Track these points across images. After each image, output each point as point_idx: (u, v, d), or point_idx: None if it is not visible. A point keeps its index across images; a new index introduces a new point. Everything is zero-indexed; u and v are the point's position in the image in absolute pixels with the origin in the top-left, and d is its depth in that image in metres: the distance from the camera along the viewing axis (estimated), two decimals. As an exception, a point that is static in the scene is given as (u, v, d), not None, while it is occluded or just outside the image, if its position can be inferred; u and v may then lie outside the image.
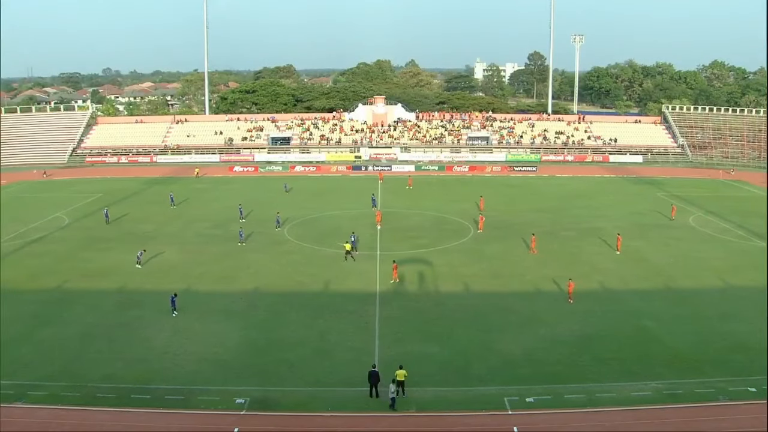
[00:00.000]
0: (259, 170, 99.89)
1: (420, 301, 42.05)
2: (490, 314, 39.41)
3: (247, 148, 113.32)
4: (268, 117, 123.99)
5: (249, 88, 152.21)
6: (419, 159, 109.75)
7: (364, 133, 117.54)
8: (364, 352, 33.94)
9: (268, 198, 76.92)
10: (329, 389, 30.33)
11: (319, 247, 54.03)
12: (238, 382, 31.01)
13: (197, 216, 66.18)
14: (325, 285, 44.71)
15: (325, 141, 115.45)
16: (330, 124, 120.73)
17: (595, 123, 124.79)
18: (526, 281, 45.68)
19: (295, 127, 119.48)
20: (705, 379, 31.33)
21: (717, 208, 71.17)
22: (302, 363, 32.91)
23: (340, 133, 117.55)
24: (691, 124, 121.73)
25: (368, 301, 41.52)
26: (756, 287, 44.15)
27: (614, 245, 54.04)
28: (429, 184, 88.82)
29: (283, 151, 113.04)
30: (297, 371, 32.07)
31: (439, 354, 33.97)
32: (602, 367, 32.55)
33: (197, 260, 50.47)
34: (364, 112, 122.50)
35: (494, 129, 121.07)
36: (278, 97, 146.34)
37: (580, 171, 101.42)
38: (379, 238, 56.79)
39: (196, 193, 79.02)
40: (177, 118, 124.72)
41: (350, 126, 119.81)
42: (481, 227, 59.28)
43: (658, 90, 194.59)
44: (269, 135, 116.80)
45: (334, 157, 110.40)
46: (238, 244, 53.97)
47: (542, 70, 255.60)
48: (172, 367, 32.52)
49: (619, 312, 39.93)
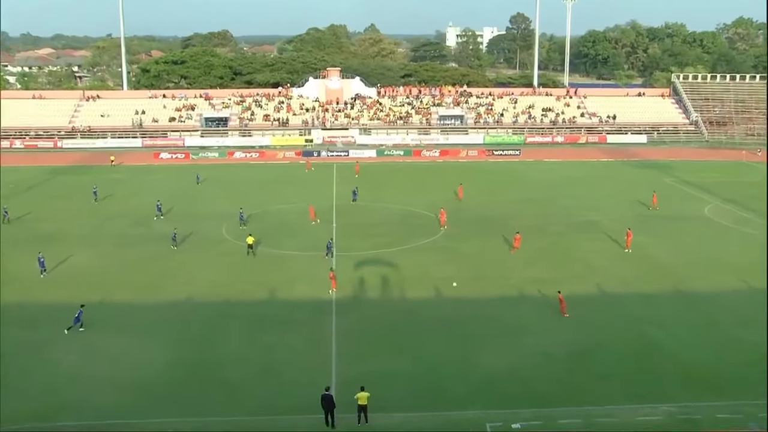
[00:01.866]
0: (191, 157, 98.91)
1: (384, 309, 41.92)
2: (467, 324, 39.42)
3: (176, 130, 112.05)
4: (201, 93, 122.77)
5: (176, 59, 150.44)
6: (381, 142, 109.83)
7: (315, 112, 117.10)
8: (318, 372, 33.64)
9: (201, 191, 76.18)
10: (277, 417, 29.97)
11: (264, 248, 53.60)
12: (167, 412, 30.45)
13: (115, 212, 65.25)
14: (270, 292, 44.32)
15: (270, 122, 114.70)
16: (275, 101, 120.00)
17: (590, 97, 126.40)
18: (510, 285, 45.88)
19: (234, 105, 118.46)
20: (727, 401, 31.18)
21: (737, 196, 72.53)
22: (244, 386, 32.50)
23: (288, 112, 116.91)
24: (708, 96, 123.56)
25: (323, 311, 41.25)
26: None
27: (620, 241, 54.67)
28: (393, 171, 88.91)
29: (220, 134, 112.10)
30: (238, 396, 31.66)
31: (408, 372, 33.85)
32: (602, 386, 32.70)
33: (115, 265, 49.66)
34: (315, 88, 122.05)
35: (470, 106, 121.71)
36: (212, 69, 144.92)
37: (572, 154, 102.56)
38: (335, 237, 56.56)
39: (114, 185, 77.81)
40: (87, 94, 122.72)
41: (299, 104, 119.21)
42: (443, 222, 59.24)
43: (667, 56, 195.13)
44: (202, 115, 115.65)
45: (281, 141, 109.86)
46: (172, 248, 53.00)
47: (527, 36, 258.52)
48: (85, 397, 31.72)
49: (621, 320, 40.30)
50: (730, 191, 74.93)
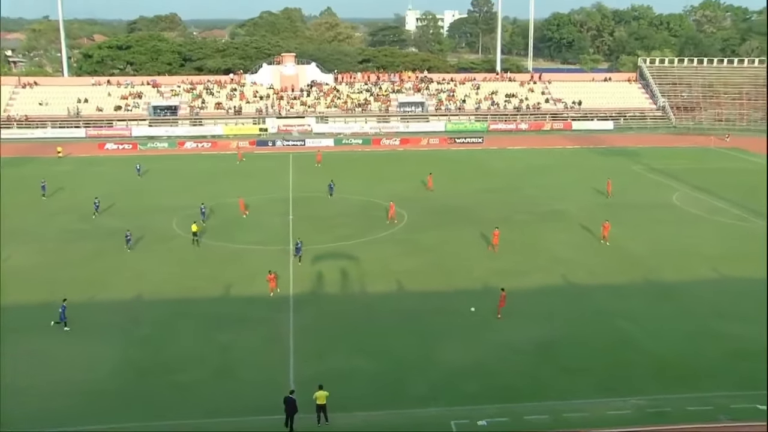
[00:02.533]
0: (139, 148, 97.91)
1: (344, 304, 42.04)
2: (430, 318, 39.71)
3: (122, 119, 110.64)
4: (148, 80, 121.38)
5: (121, 44, 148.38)
6: (339, 131, 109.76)
7: (270, 100, 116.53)
8: (276, 371, 33.65)
9: (149, 183, 75.46)
10: (234, 419, 29.89)
11: (217, 242, 53.33)
12: (118, 416, 30.14)
13: (59, 207, 64.37)
14: (225, 289, 44.14)
15: (223, 110, 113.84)
16: (227, 89, 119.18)
17: (554, 83, 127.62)
18: (474, 277, 46.30)
19: (184, 93, 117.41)
20: (699, 393, 31.75)
21: (708, 183, 73.95)
22: (199, 388, 32.34)
23: (241, 100, 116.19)
24: (675, 81, 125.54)
25: (280, 307, 41.22)
26: (759, 278, 45.51)
27: (588, 230, 55.41)
28: (352, 161, 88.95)
29: (169, 123, 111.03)
30: (192, 398, 31.50)
31: (369, 369, 34.01)
32: (570, 380, 33.13)
33: (59, 263, 49.00)
34: (269, 74, 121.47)
35: (431, 92, 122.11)
36: (160, 55, 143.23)
37: (537, 142, 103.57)
38: (291, 230, 56.47)
39: (58, 178, 76.57)
40: (23, 80, 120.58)
41: (253, 91, 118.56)
42: (392, 214, 59.00)
43: (633, 39, 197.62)
44: (150, 103, 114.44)
45: (234, 130, 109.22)
46: (127, 250, 51.96)
47: (489, 19, 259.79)
48: (29, 404, 31.26)
49: (589, 312, 40.89)
50: (698, 178, 76.37)
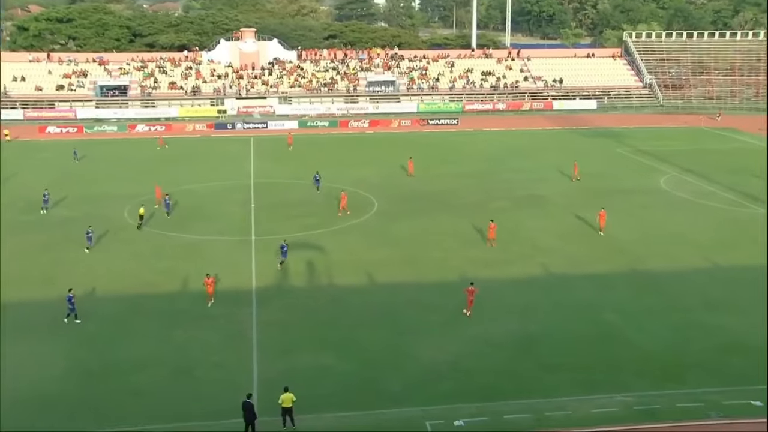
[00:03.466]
0: (85, 131, 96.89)
1: (311, 298, 41.98)
2: (403, 312, 39.82)
3: (65, 100, 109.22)
4: (95, 57, 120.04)
5: (62, 16, 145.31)
6: (304, 112, 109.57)
7: (229, 79, 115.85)
8: (238, 370, 33.56)
9: (97, 170, 74.74)
10: (193, 424, 29.78)
11: (174, 233, 53.01)
12: (67, 423, 29.88)
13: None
14: (182, 283, 43.91)
15: (178, 90, 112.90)
16: (182, 67, 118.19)
17: (534, 59, 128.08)
18: (449, 267, 46.45)
19: (134, 71, 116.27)
20: (689, 389, 32.10)
21: (698, 166, 74.76)
22: (154, 390, 32.16)
23: (197, 79, 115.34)
24: (663, 57, 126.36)
25: (242, 302, 41.09)
26: (753, 266, 46.09)
27: (575, 218, 55.81)
28: (317, 144, 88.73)
29: (119, 104, 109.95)
30: (148, 402, 31.30)
31: (339, 367, 34.03)
32: (552, 376, 33.35)
33: (3, 258, 48.34)
34: (228, 51, 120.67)
35: (402, 71, 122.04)
36: (107, 29, 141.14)
37: (515, 123, 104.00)
38: (253, 219, 56.28)
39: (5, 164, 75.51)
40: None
41: (210, 70, 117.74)
42: (343, 205, 57.84)
43: (618, 12, 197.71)
44: (97, 83, 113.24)
45: (190, 112, 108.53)
46: (86, 251, 51.11)
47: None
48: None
49: (571, 304, 41.16)
50: (688, 160, 77.18)
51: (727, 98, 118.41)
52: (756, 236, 52.03)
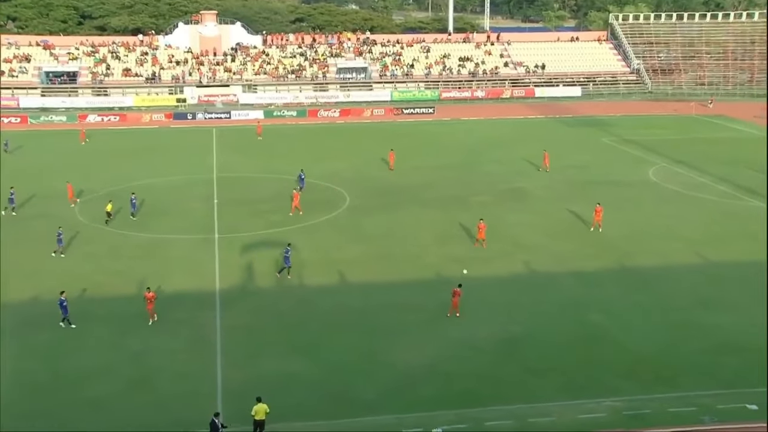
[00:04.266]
0: (30, 121, 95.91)
1: (278, 300, 41.82)
2: (377, 314, 39.76)
3: (7, 87, 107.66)
4: (39, 41, 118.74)
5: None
6: (270, 101, 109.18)
7: (188, 65, 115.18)
8: (201, 379, 33.33)
9: (44, 165, 73.99)
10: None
11: (131, 232, 52.57)
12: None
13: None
14: (139, 285, 43.36)
15: (133, 78, 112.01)
16: (137, 53, 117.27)
17: (514, 44, 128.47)
18: (426, 265, 46.48)
19: (84, 56, 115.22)
20: (681, 392, 32.23)
21: (689, 156, 75.31)
22: (110, 402, 31.82)
23: (154, 65, 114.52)
24: (651, 40, 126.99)
25: (204, 305, 40.84)
26: (747, 262, 46.49)
27: (560, 212, 55.89)
28: (285, 136, 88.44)
29: (67, 92, 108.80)
30: (103, 414, 30.96)
31: (309, 373, 33.90)
32: (536, 380, 33.44)
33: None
34: (187, 35, 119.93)
35: (374, 56, 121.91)
36: (51, 10, 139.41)
37: (495, 111, 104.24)
38: (216, 216, 55.97)
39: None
40: None
41: (168, 56, 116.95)
42: (296, 204, 56.73)
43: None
44: (42, 69, 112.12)
45: (147, 101, 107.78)
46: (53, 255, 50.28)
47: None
48: None
49: (556, 304, 41.29)
50: (678, 150, 77.76)
51: (720, 84, 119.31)
52: (750, 230, 52.47)
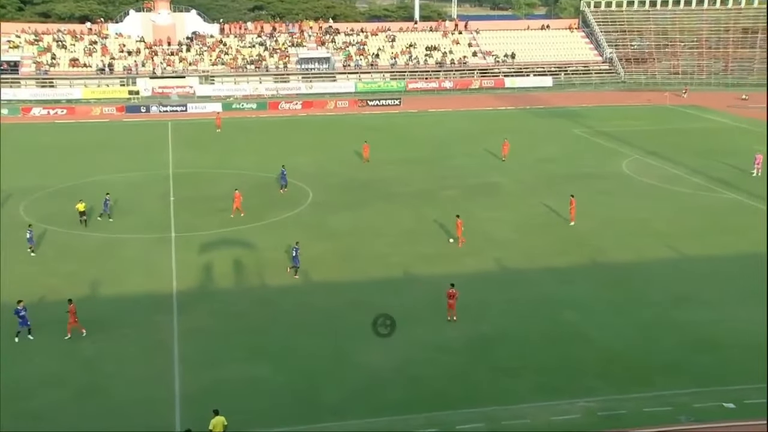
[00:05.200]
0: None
1: (239, 302, 41.64)
2: (342, 315, 39.70)
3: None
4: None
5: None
6: (228, 93, 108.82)
7: (141, 55, 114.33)
8: (158, 385, 33.09)
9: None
10: (106, 447, 29.42)
11: (82, 232, 52.11)
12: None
13: None
14: (92, 288, 43.21)
15: (81, 68, 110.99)
16: (85, 41, 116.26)
17: (483, 32, 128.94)
18: (393, 264, 46.53)
19: (26, 45, 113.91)
20: (657, 392, 32.48)
21: (662, 147, 76.13)
22: (59, 413, 31.43)
23: (104, 55, 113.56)
24: (624, 28, 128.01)
25: (161, 308, 40.56)
26: (723, 257, 47.20)
27: (532, 207, 56.27)
28: (244, 129, 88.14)
29: (9, 84, 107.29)
30: (47, 425, 30.62)
31: (273, 377, 33.83)
32: (508, 381, 33.58)
33: None
34: (138, 23, 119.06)
35: (337, 46, 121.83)
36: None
37: (464, 103, 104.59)
38: (173, 214, 55.69)
39: None
40: None
41: (119, 45, 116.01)
42: (237, 206, 55.47)
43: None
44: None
45: (97, 93, 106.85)
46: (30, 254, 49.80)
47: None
48: None
49: (528, 301, 41.48)
50: (652, 142, 78.60)
51: (694, 73, 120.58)
52: (725, 223, 53.23)
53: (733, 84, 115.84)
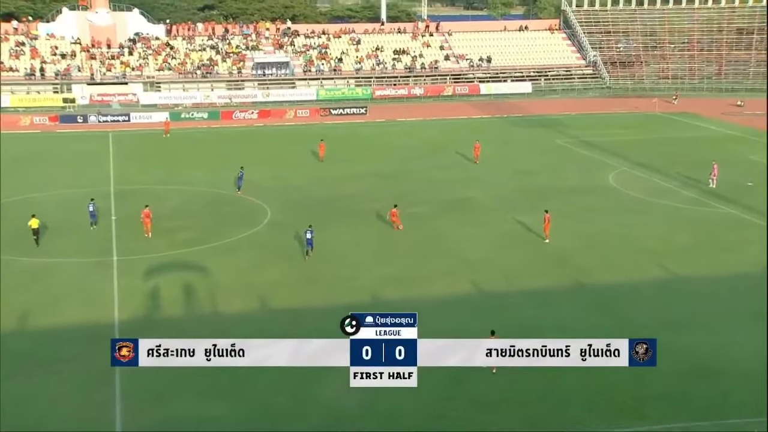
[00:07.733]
0: None
1: (189, 331, 41.08)
2: (305, 345, 39.57)
3: None
4: None
5: None
6: (176, 102, 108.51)
7: (77, 59, 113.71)
8: (96, 425, 32.77)
9: None
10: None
11: (10, 256, 51.55)
12: None
13: None
14: (21, 319, 42.66)
15: (7, 73, 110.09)
16: (11, 42, 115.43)
17: (456, 34, 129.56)
18: (358, 288, 46.52)
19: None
20: (649, 425, 32.57)
21: (652, 159, 76.70)
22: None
23: (33, 58, 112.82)
24: (609, 29, 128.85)
25: (101, 339, 39.71)
26: (720, 276, 47.46)
27: (509, 224, 56.44)
28: (195, 141, 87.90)
29: None
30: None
31: (226, 416, 33.60)
32: (487, 416, 33.55)
33: None
34: (73, 23, 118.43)
35: (297, 50, 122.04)
36: None
37: (436, 111, 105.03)
38: (115, 235, 55.31)
39: None
40: None
41: (50, 47, 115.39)
42: (147, 227, 55.01)
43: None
44: None
45: (26, 101, 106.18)
46: None
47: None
48: None
49: (507, 327, 40.96)
50: (640, 152, 79.20)
51: (685, 77, 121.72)
52: (720, 240, 53.79)
53: (728, 89, 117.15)
